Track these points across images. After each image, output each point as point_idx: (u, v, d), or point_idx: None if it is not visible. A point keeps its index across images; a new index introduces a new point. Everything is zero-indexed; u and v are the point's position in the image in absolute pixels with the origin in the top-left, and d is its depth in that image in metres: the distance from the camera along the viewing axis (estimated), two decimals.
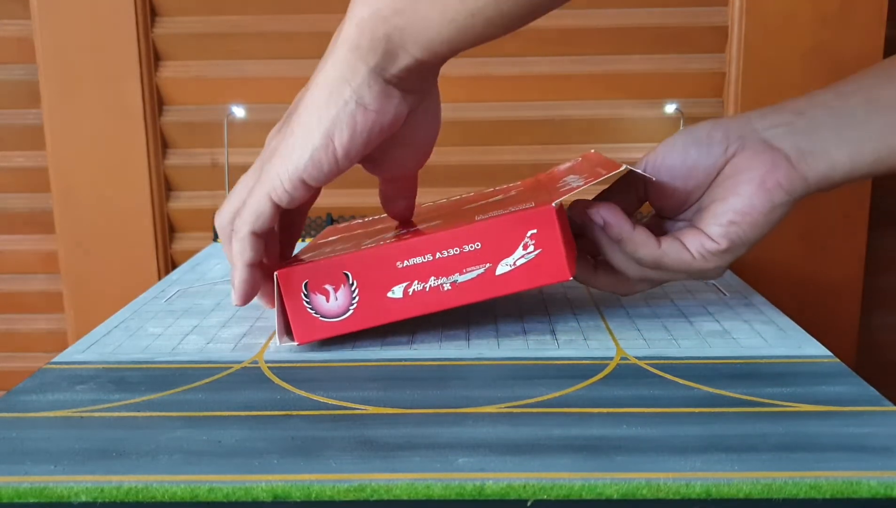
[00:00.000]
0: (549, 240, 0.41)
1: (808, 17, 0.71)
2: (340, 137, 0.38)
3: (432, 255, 0.42)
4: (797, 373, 0.40)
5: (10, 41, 0.76)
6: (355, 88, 0.37)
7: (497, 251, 0.42)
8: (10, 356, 0.83)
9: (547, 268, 0.42)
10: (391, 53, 0.37)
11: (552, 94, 0.75)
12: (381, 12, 0.36)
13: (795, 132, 0.44)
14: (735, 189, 0.44)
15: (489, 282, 0.42)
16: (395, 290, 0.43)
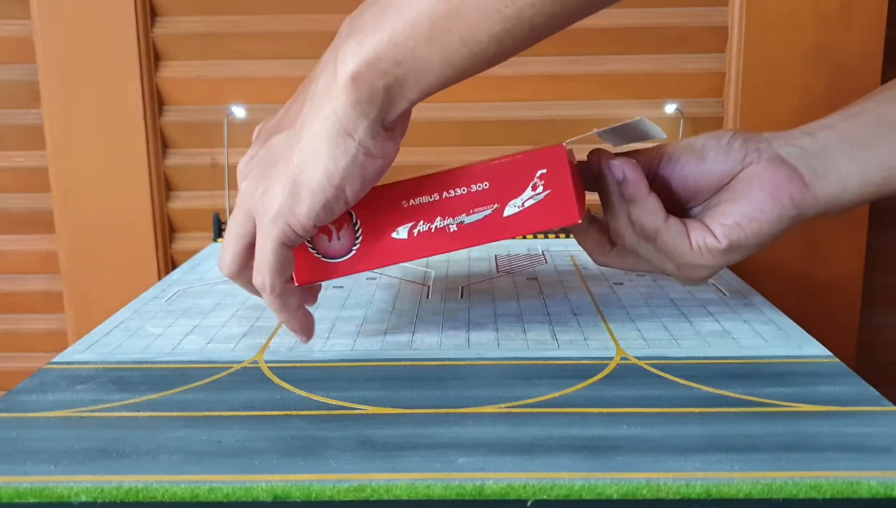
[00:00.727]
0: (560, 180, 0.41)
1: (808, 17, 0.71)
2: (353, 187, 0.38)
3: (439, 194, 0.41)
4: (797, 373, 0.40)
5: (10, 41, 0.76)
6: (360, 141, 0.37)
7: (505, 192, 0.41)
8: (10, 356, 0.83)
9: (556, 210, 0.41)
10: (391, 102, 0.37)
11: (552, 94, 0.75)
12: (378, 65, 0.36)
13: (807, 154, 0.44)
14: (746, 193, 0.44)
15: (497, 224, 0.41)
16: (399, 230, 0.42)
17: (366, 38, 0.36)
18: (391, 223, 0.42)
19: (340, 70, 0.36)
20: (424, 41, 0.35)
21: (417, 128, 0.73)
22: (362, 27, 0.36)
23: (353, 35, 0.36)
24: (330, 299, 0.54)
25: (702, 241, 0.44)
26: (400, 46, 0.35)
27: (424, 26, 0.35)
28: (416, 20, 0.35)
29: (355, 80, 0.36)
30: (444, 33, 0.35)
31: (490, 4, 0.34)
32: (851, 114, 0.46)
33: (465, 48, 0.35)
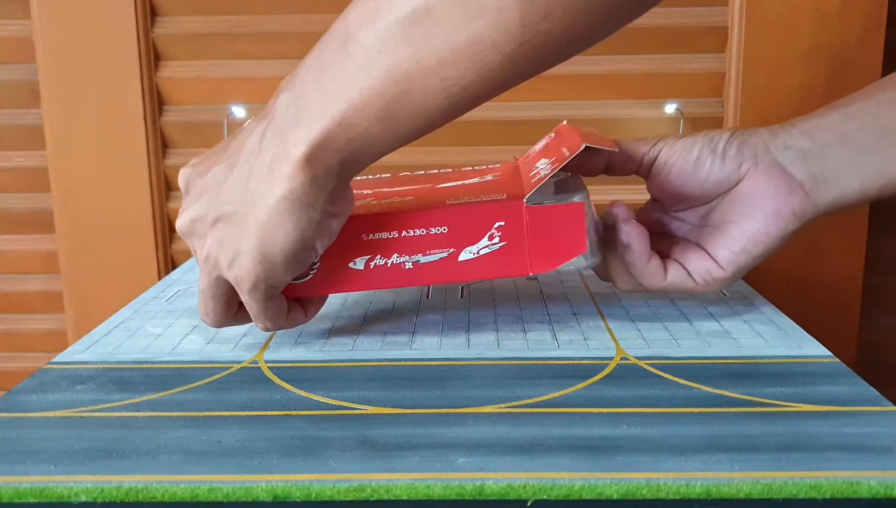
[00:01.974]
0: (516, 234, 0.42)
1: (808, 17, 0.71)
2: (322, 242, 0.40)
3: (398, 232, 0.42)
4: (797, 373, 0.40)
5: (10, 41, 0.76)
6: (322, 208, 0.38)
7: (463, 238, 0.42)
8: (10, 356, 0.83)
9: (509, 261, 0.42)
10: (346, 173, 0.38)
11: (552, 94, 0.75)
12: (332, 145, 0.37)
13: (807, 158, 0.44)
14: (749, 214, 0.44)
15: (450, 267, 0.42)
16: (357, 261, 0.43)
17: (316, 123, 0.36)
18: (350, 253, 0.43)
19: (293, 152, 0.37)
20: (376, 120, 0.36)
21: None
22: (307, 109, 0.37)
23: (300, 118, 0.37)
24: (330, 299, 0.54)
25: (707, 275, 0.44)
26: (352, 127, 0.36)
27: (375, 108, 0.36)
28: (367, 103, 0.36)
29: (310, 161, 0.37)
30: (395, 112, 0.36)
31: (436, 84, 0.35)
32: (852, 114, 0.45)
33: (414, 123, 0.37)
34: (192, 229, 0.41)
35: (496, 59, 0.35)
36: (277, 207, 0.38)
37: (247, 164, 0.39)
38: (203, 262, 0.41)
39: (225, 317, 0.43)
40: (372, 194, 0.49)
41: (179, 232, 0.42)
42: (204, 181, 0.41)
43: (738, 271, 0.44)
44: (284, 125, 0.38)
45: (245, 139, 0.40)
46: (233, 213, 0.39)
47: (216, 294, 0.42)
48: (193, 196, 0.41)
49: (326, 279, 0.43)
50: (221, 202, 0.40)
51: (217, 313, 0.43)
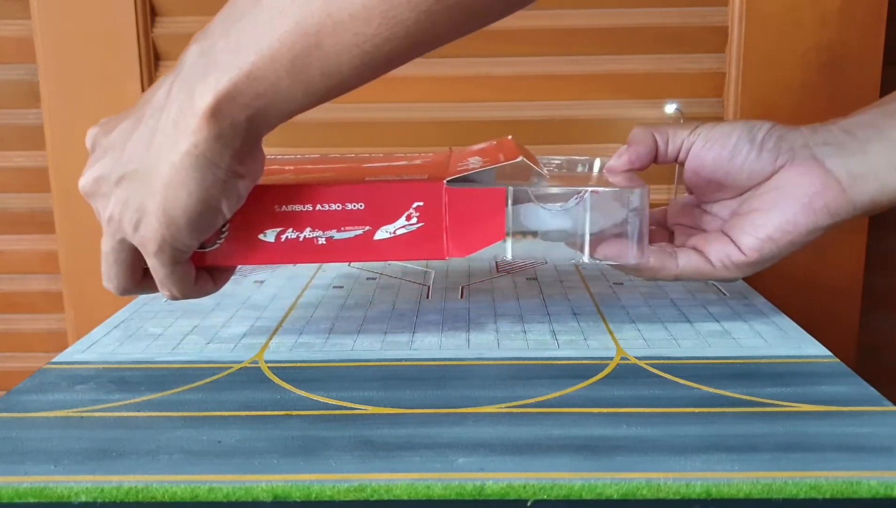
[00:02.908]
0: (434, 216, 0.41)
1: (808, 17, 0.71)
2: (229, 204, 0.39)
3: (312, 205, 0.41)
4: (797, 373, 0.40)
5: (10, 41, 0.76)
6: (227, 168, 0.37)
7: (379, 216, 0.41)
8: (10, 356, 0.83)
9: (426, 244, 0.41)
10: (254, 130, 0.37)
11: (552, 94, 0.75)
12: (239, 99, 0.35)
13: (846, 154, 0.43)
14: (779, 203, 0.43)
15: (365, 245, 0.41)
16: (267, 233, 0.42)
17: (223, 75, 0.35)
18: (260, 225, 0.41)
19: (198, 105, 0.36)
20: (286, 74, 0.35)
21: (417, 128, 0.73)
22: (216, 60, 0.36)
23: (208, 70, 0.36)
24: (330, 299, 0.54)
25: (726, 258, 0.44)
26: (260, 80, 0.35)
27: (285, 61, 0.35)
28: (276, 55, 0.35)
29: (215, 114, 0.36)
30: (305, 67, 0.35)
31: (349, 40, 0.34)
32: (892, 112, 0.44)
33: (326, 80, 0.36)
34: (96, 188, 0.39)
35: (411, 16, 0.34)
36: (181, 163, 0.36)
37: (152, 119, 0.37)
38: (106, 223, 0.40)
39: (129, 283, 0.41)
40: (293, 169, 0.47)
41: (82, 192, 0.40)
42: (109, 139, 0.39)
43: (760, 259, 0.43)
44: (192, 78, 0.36)
45: (153, 94, 0.38)
46: (137, 171, 0.38)
47: (119, 258, 0.40)
48: (98, 154, 0.40)
49: (235, 249, 0.42)
50: (126, 160, 0.38)
51: (120, 278, 0.41)
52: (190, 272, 0.41)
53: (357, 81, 0.36)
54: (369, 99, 0.74)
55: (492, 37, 0.73)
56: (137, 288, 0.42)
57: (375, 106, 0.74)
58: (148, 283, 0.42)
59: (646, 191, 0.42)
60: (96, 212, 0.40)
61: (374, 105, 0.74)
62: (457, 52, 0.73)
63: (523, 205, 0.43)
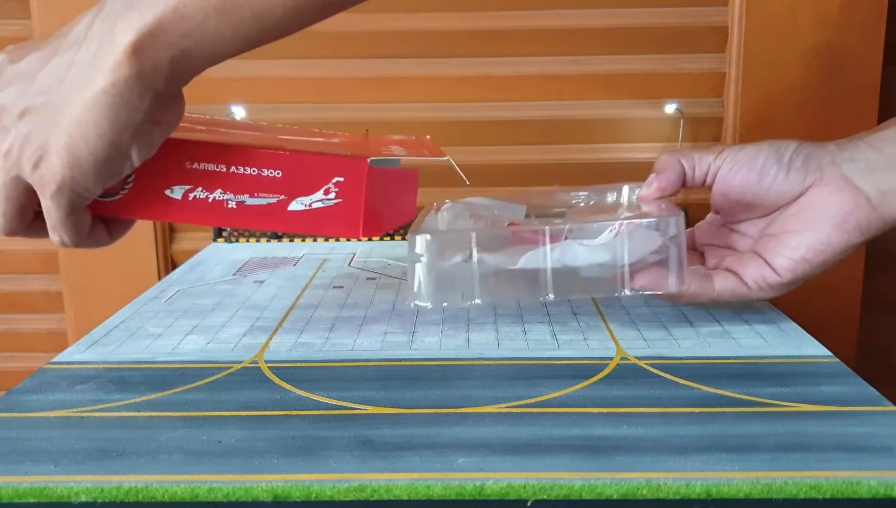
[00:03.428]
0: (354, 194, 0.40)
1: (808, 17, 0.71)
2: (139, 153, 0.37)
3: (226, 167, 0.40)
4: (797, 373, 0.40)
5: (10, 41, 0.76)
6: (146, 111, 0.36)
7: (296, 186, 0.40)
8: (10, 356, 0.83)
9: (342, 221, 0.40)
10: (178, 73, 0.36)
11: (552, 94, 0.75)
12: (163, 38, 0.34)
13: (874, 170, 0.43)
14: (811, 224, 0.43)
15: (278, 215, 0.40)
16: (175, 190, 0.40)
17: (147, 10, 0.34)
18: (167, 180, 0.40)
19: (119, 40, 0.34)
20: (214, 13, 0.34)
21: (417, 128, 0.73)
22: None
23: (132, 4, 0.34)
24: (330, 298, 0.54)
25: (761, 280, 0.44)
26: (187, 18, 0.34)
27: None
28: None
29: (137, 52, 0.34)
30: (235, 6, 0.34)
31: None
32: None
33: (256, 22, 0.34)
34: None
35: None
36: (95, 101, 0.34)
37: (69, 52, 0.36)
38: (2, 157, 0.37)
39: (18, 224, 0.39)
40: (204, 129, 0.46)
41: None
42: (17, 68, 0.37)
43: (794, 280, 0.44)
44: (114, 13, 0.35)
45: (71, 28, 0.37)
46: (44, 105, 0.36)
47: (11, 196, 0.38)
48: (2, 83, 0.38)
49: (138, 203, 0.40)
50: (33, 93, 0.36)
51: (8, 218, 0.39)
52: (86, 220, 0.40)
53: (290, 26, 0.35)
54: (370, 99, 0.74)
55: (492, 37, 0.73)
56: (26, 231, 0.40)
57: (375, 106, 0.75)
58: (37, 227, 0.40)
59: (681, 218, 0.42)
60: None
61: (374, 105, 0.75)
62: (457, 52, 0.73)
63: (561, 243, 0.43)
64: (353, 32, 0.73)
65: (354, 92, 0.74)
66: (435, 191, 0.76)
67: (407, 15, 0.73)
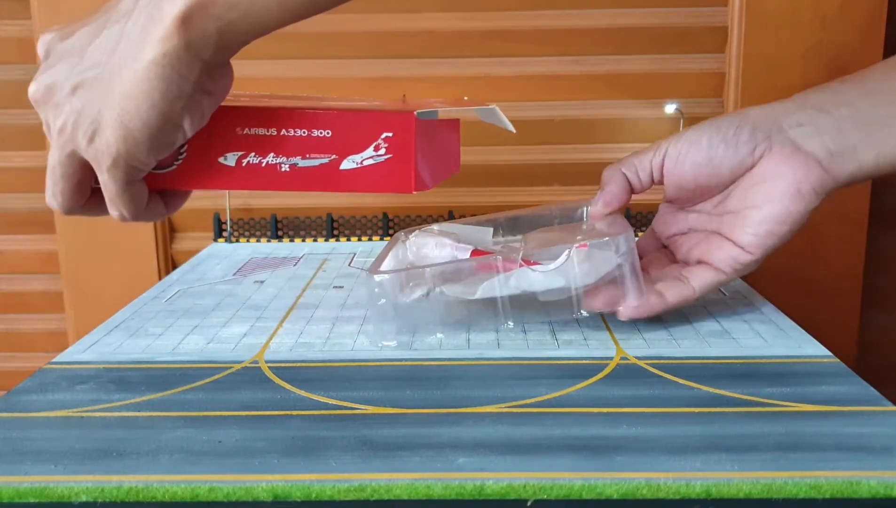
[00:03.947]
0: (404, 148, 0.40)
1: (808, 16, 0.71)
2: (191, 123, 0.37)
3: (277, 130, 0.40)
4: (797, 373, 0.40)
5: (10, 41, 0.76)
6: (196, 81, 0.36)
7: (347, 145, 0.40)
8: (10, 356, 0.83)
9: (394, 176, 0.40)
10: (225, 44, 0.36)
11: (552, 94, 0.75)
12: (210, 9, 0.34)
13: (822, 133, 0.43)
14: (769, 197, 0.43)
15: (331, 175, 0.40)
16: (228, 156, 0.40)
17: None
18: (220, 147, 0.40)
19: (168, 11, 0.34)
20: None
21: None
22: None
23: None
24: (330, 298, 0.54)
25: (734, 263, 0.44)
26: None
27: None
28: None
29: (185, 23, 0.34)
30: None
31: None
32: (872, 90, 0.44)
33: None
34: (48, 96, 0.37)
35: None
36: (146, 72, 0.35)
37: (117, 25, 0.36)
38: (56, 134, 0.38)
39: (75, 201, 0.39)
40: (248, 98, 0.46)
41: (32, 100, 0.38)
42: (66, 44, 0.38)
43: (765, 253, 0.44)
44: None
45: (119, 1, 0.37)
46: (95, 79, 0.36)
47: (67, 173, 0.38)
48: (52, 60, 0.38)
49: (192, 172, 0.40)
50: (84, 67, 0.36)
51: (66, 195, 0.39)
52: (143, 193, 0.40)
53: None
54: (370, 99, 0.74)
55: (492, 37, 0.73)
56: (83, 209, 0.40)
57: None
58: (95, 204, 0.40)
59: (630, 235, 0.43)
60: (45, 123, 0.38)
61: None
62: (457, 52, 0.73)
63: (517, 270, 0.43)
64: (353, 32, 0.73)
65: (355, 92, 0.74)
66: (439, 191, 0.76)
67: (408, 15, 0.73)
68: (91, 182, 0.39)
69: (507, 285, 0.44)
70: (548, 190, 0.76)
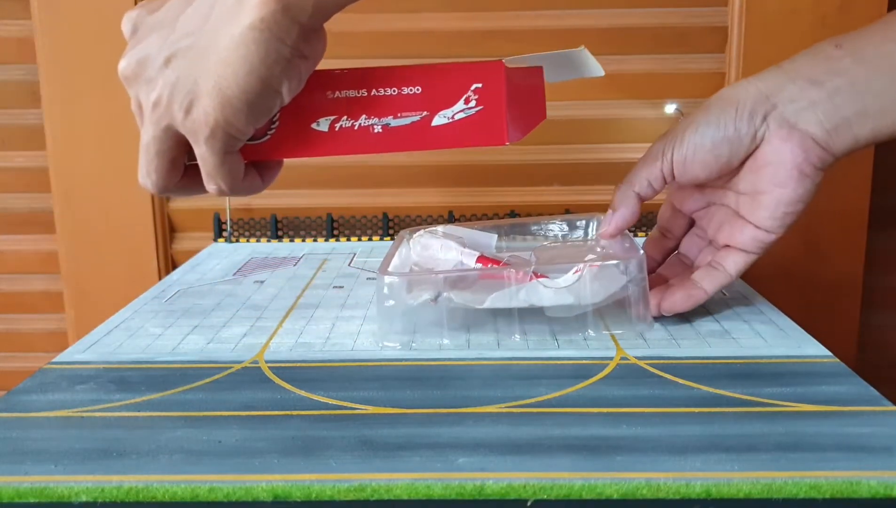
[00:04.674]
0: (494, 98, 0.39)
1: (808, 17, 0.71)
2: (288, 89, 0.37)
3: (367, 91, 0.39)
4: (797, 373, 0.40)
5: (10, 41, 0.76)
6: (293, 45, 0.35)
7: (437, 100, 0.39)
8: (10, 356, 0.83)
9: (485, 128, 0.40)
10: (321, 8, 0.35)
11: (552, 94, 0.74)
12: None
13: (816, 109, 0.43)
14: (775, 181, 0.44)
15: (423, 132, 0.40)
16: (320, 122, 0.40)
17: None
18: (312, 113, 0.40)
19: None
20: None
21: None
22: None
23: None
24: (330, 299, 0.54)
25: (760, 243, 0.45)
26: None
27: None
28: None
29: None
30: None
31: None
32: (865, 58, 0.43)
33: None
34: (139, 71, 0.37)
35: None
36: (243, 37, 0.34)
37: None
38: (151, 109, 0.37)
39: (169, 179, 0.39)
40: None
41: (122, 76, 0.38)
42: (155, 18, 0.37)
43: (787, 229, 0.45)
44: None
45: None
46: (190, 48, 0.36)
47: (162, 149, 0.38)
48: (141, 35, 0.37)
49: (286, 141, 0.40)
50: (177, 37, 0.36)
51: (161, 173, 0.39)
52: (240, 165, 0.39)
53: None
54: None
55: (492, 37, 0.73)
56: (177, 187, 0.40)
57: None
58: (188, 182, 0.40)
59: (642, 259, 0.44)
60: (135, 100, 0.38)
61: None
62: (457, 52, 0.73)
63: (527, 283, 0.44)
64: (354, 32, 0.73)
65: None
66: (443, 191, 0.76)
67: (408, 15, 0.73)
68: (185, 159, 0.39)
69: (516, 297, 0.44)
70: (548, 190, 0.76)
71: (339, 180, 0.75)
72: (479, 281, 0.46)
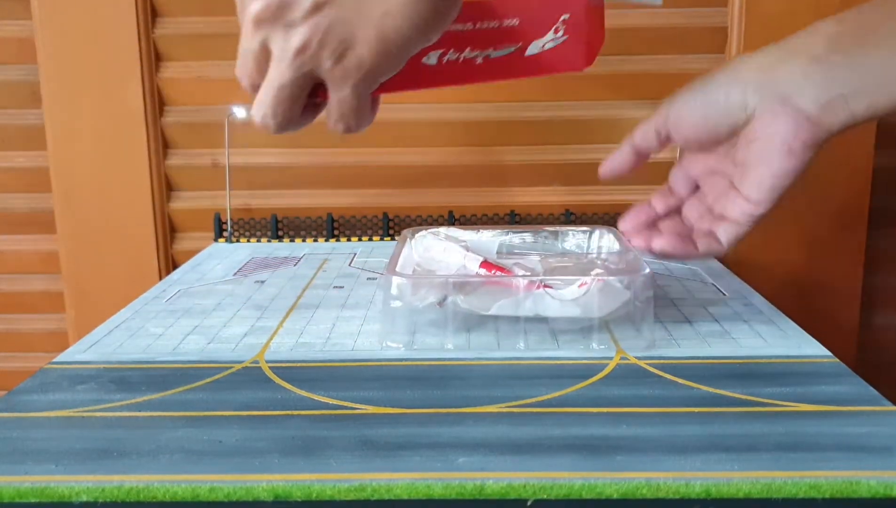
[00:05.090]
0: (577, 27, 0.41)
1: (808, 17, 0.70)
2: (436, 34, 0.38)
3: (473, 24, 0.41)
4: (797, 373, 0.40)
5: (10, 41, 0.76)
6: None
7: (532, 31, 0.42)
8: (10, 356, 0.83)
9: (567, 56, 0.42)
10: None
11: (552, 94, 0.75)
12: None
13: (814, 83, 0.43)
14: (763, 156, 0.44)
15: (517, 62, 0.42)
16: (430, 56, 0.42)
17: None
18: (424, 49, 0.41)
19: None
20: None
21: (419, 128, 0.73)
22: None
23: None
24: (330, 298, 0.54)
25: (749, 217, 0.45)
26: None
27: None
28: None
29: None
30: None
31: None
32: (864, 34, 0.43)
33: None
34: (279, 14, 0.37)
35: None
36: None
37: None
38: (293, 54, 0.37)
39: (293, 119, 0.40)
40: None
41: (253, 18, 0.38)
42: None
43: (775, 203, 0.45)
44: None
45: None
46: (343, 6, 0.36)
47: (295, 93, 0.39)
48: None
49: (402, 75, 0.41)
50: None
51: (288, 113, 0.39)
52: (370, 103, 0.40)
53: None
54: None
55: None
56: (296, 125, 0.40)
57: None
58: (304, 120, 0.41)
59: (650, 276, 0.44)
60: (261, 43, 0.39)
61: None
62: None
63: (534, 293, 0.45)
64: None
65: None
66: (440, 190, 0.76)
67: None
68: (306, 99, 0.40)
69: (523, 306, 0.45)
70: (548, 190, 0.76)
71: (339, 180, 0.75)
72: (484, 286, 0.46)
